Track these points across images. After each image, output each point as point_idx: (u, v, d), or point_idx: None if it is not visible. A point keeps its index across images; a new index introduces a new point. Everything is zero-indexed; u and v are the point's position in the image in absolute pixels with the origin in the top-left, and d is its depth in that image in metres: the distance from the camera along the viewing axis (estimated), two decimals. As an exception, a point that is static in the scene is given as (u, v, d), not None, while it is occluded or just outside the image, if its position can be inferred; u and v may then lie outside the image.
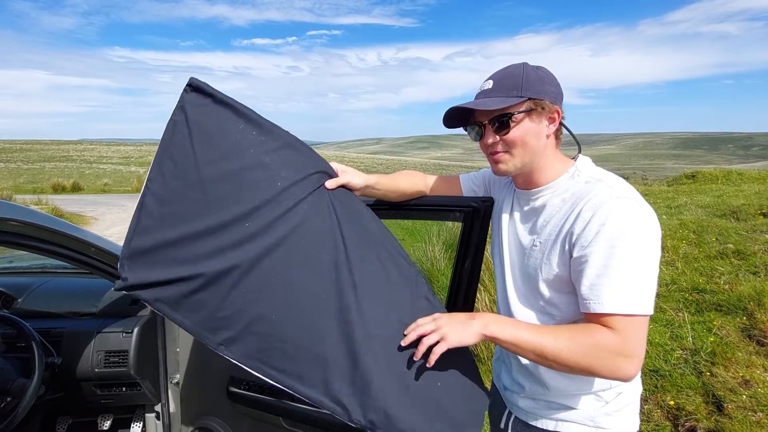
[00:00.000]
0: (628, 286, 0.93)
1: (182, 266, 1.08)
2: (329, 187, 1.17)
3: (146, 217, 1.10)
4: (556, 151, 1.11)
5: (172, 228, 1.09)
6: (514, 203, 1.20)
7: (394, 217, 1.47)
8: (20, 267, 2.45)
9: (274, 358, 1.08)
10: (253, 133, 1.15)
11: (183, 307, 1.09)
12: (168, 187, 1.11)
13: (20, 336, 1.71)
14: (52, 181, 19.07)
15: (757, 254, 3.87)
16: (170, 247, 1.09)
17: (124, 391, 1.94)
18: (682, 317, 3.19)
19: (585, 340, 0.93)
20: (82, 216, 10.87)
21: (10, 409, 1.55)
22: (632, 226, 0.94)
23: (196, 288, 1.07)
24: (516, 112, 1.03)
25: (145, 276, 1.08)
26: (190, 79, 1.15)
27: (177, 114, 1.14)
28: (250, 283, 1.08)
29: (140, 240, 1.09)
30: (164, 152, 1.13)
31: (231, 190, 1.11)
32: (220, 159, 1.12)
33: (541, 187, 1.10)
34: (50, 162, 35.40)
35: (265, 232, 1.10)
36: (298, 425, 1.58)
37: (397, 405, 1.03)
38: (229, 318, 1.08)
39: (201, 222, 1.09)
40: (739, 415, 2.34)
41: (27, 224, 1.28)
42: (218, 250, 1.08)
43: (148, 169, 1.14)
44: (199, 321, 1.09)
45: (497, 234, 1.25)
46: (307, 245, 1.11)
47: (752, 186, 7.15)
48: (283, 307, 1.08)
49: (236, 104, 1.15)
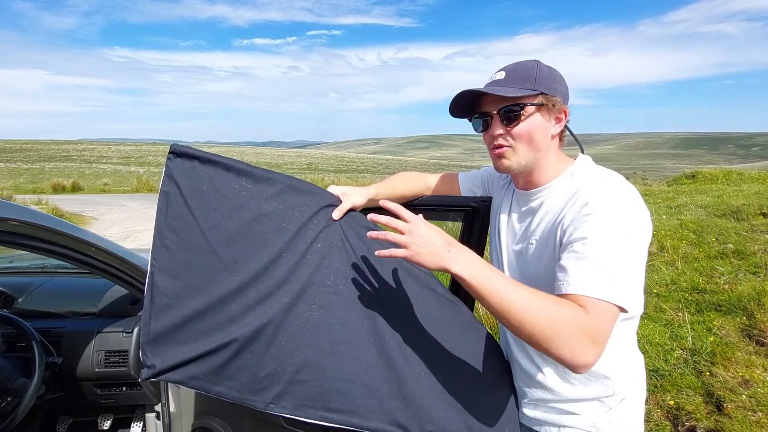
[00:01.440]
0: (603, 272, 0.88)
1: (212, 337, 1.05)
2: (336, 218, 1.17)
3: (160, 296, 1.08)
4: (558, 152, 1.10)
5: (191, 300, 1.07)
6: (513, 204, 1.19)
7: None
8: (20, 267, 2.45)
9: (328, 401, 1.06)
10: (248, 185, 1.15)
11: (222, 377, 1.06)
12: (175, 260, 1.10)
13: (20, 336, 1.71)
14: (52, 181, 19.06)
15: (757, 254, 3.87)
16: (194, 320, 1.06)
17: (124, 390, 1.94)
18: (682, 317, 3.19)
19: (558, 311, 0.86)
20: (82, 216, 10.87)
21: (11, 408, 1.56)
22: (618, 218, 0.93)
23: (231, 355, 1.05)
24: (528, 104, 1.00)
25: (172, 357, 1.04)
26: (171, 146, 1.14)
27: (166, 184, 1.13)
28: (285, 334, 1.07)
29: (160, 321, 1.06)
30: (163, 226, 1.12)
31: (243, 248, 1.10)
32: (223, 220, 1.11)
33: (540, 188, 1.09)
34: (50, 162, 35.39)
35: (287, 281, 1.10)
36: (298, 425, 1.58)
37: (443, 411, 1.07)
38: (272, 375, 1.06)
39: (220, 287, 1.08)
40: (739, 414, 2.34)
41: (27, 224, 1.28)
42: (245, 311, 1.07)
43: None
44: (242, 387, 1.06)
45: (495, 236, 1.24)
46: (331, 282, 1.12)
47: (752, 186, 7.15)
48: (323, 348, 1.08)
49: (223, 160, 1.15)
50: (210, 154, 1.15)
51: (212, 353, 1.05)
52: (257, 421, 1.68)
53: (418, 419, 1.06)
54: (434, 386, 1.09)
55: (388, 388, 1.07)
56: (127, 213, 11.68)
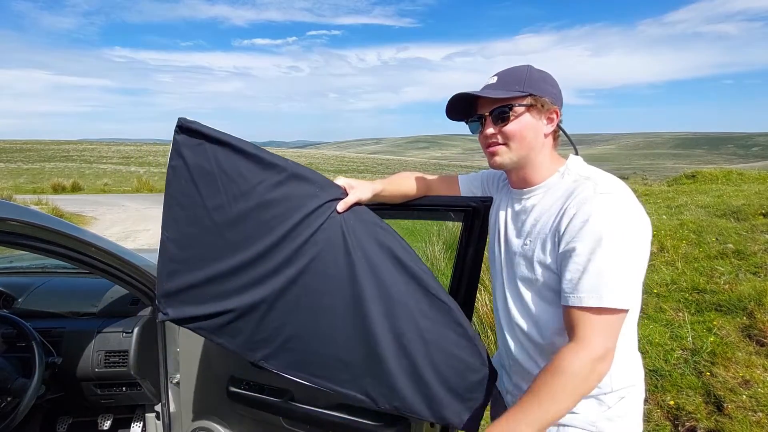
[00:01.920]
0: (607, 280, 0.93)
1: (213, 304, 1.19)
2: (341, 211, 1.18)
3: (170, 262, 1.19)
4: (552, 152, 1.13)
5: (198, 270, 1.18)
6: (507, 203, 1.21)
7: (394, 217, 1.47)
8: (20, 267, 2.45)
9: (308, 367, 1.22)
10: (255, 169, 1.15)
11: (223, 333, 1.21)
12: (184, 233, 1.18)
13: (20, 336, 1.71)
14: (52, 181, 19.07)
15: (757, 254, 3.87)
16: (199, 287, 1.19)
17: (124, 391, 1.94)
18: (682, 317, 3.19)
19: (563, 385, 0.92)
20: (82, 216, 10.87)
21: (11, 409, 1.55)
22: (614, 221, 0.95)
23: (229, 320, 1.19)
24: (516, 105, 1.07)
25: (182, 312, 1.20)
26: (178, 119, 1.14)
27: (174, 158, 1.16)
28: (277, 312, 1.19)
29: (170, 283, 1.20)
30: (172, 200, 1.18)
31: (247, 231, 1.16)
32: (229, 203, 1.16)
33: (533, 187, 1.13)
34: (50, 162, 35.40)
35: (285, 267, 1.16)
36: (298, 425, 1.58)
37: (411, 391, 1.18)
38: (264, 340, 1.21)
39: (223, 263, 1.17)
40: (739, 414, 2.34)
41: (27, 224, 1.28)
42: (244, 287, 1.18)
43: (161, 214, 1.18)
44: (240, 343, 1.22)
45: (493, 236, 1.26)
46: (325, 272, 1.17)
47: (752, 186, 7.14)
48: (309, 327, 1.20)
49: (232, 140, 1.14)
50: (218, 132, 1.14)
51: (214, 316, 1.19)
52: (257, 421, 1.68)
53: (387, 395, 1.19)
54: (408, 370, 1.17)
55: (364, 366, 1.18)
56: (127, 213, 11.68)
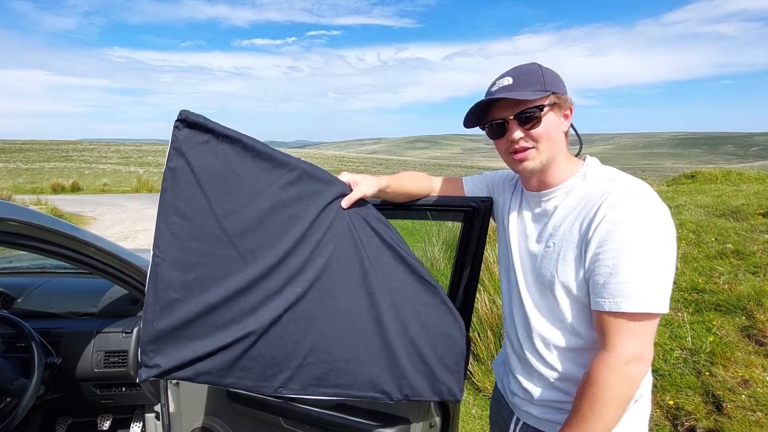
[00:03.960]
0: (641, 284, 0.93)
1: (227, 331, 1.00)
2: (345, 207, 1.17)
3: (167, 291, 0.97)
4: (566, 150, 1.11)
5: (204, 294, 0.99)
6: (522, 205, 1.18)
7: (395, 217, 1.47)
8: (20, 267, 2.45)
9: (329, 379, 1.13)
10: (268, 168, 1.07)
11: (234, 370, 1.02)
12: (186, 249, 0.98)
13: (20, 336, 1.71)
14: (52, 181, 19.05)
15: (757, 254, 3.87)
16: (207, 315, 0.99)
17: (123, 391, 1.94)
18: (682, 317, 3.19)
19: (601, 396, 0.94)
20: (82, 216, 10.86)
21: (10, 409, 1.55)
22: (646, 224, 0.94)
23: (247, 347, 1.02)
24: (546, 104, 1.04)
25: (181, 355, 0.97)
26: (181, 112, 0.98)
27: (174, 158, 0.97)
28: (298, 322, 1.08)
29: (166, 318, 0.97)
30: (170, 209, 0.98)
31: (260, 238, 1.04)
32: (242, 207, 1.02)
33: (553, 188, 1.09)
34: (50, 162, 35.36)
35: (303, 271, 1.08)
36: (298, 425, 1.58)
37: (417, 376, 1.20)
38: (283, 361, 1.07)
39: (236, 279, 1.00)
40: (739, 414, 2.35)
41: (26, 224, 1.28)
42: (261, 302, 1.03)
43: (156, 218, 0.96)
44: (255, 376, 1.05)
45: (504, 239, 1.23)
46: (340, 271, 1.13)
47: (751, 186, 7.14)
48: (329, 332, 1.12)
49: (241, 137, 1.03)
50: (226, 129, 1.01)
51: (227, 347, 1.00)
52: (257, 421, 1.68)
53: (399, 386, 1.18)
54: (413, 356, 1.20)
55: (378, 361, 1.16)
56: (127, 213, 11.67)
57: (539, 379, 1.13)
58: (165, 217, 0.97)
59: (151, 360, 0.97)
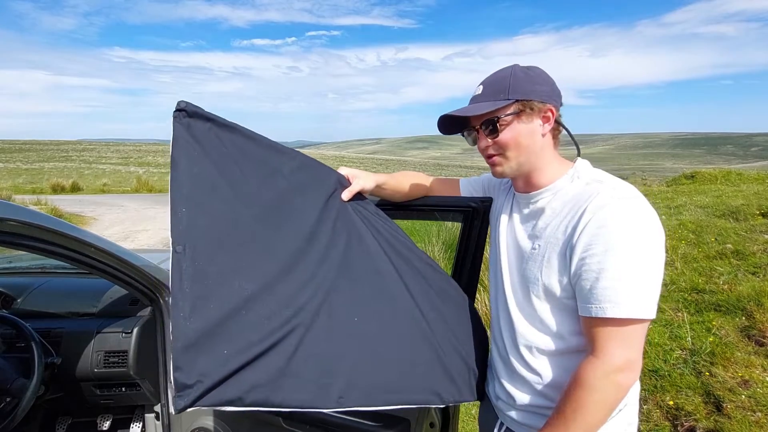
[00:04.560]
0: (628, 289, 0.91)
1: (271, 324, 0.87)
2: (345, 199, 1.17)
3: (194, 285, 0.84)
4: (554, 152, 1.10)
5: (236, 284, 0.88)
6: (513, 207, 1.19)
7: (394, 217, 1.47)
8: (20, 267, 2.45)
9: (390, 382, 1.01)
10: (272, 153, 1.06)
11: (287, 377, 0.87)
12: (213, 234, 0.89)
13: (20, 336, 1.71)
14: (52, 181, 19.05)
15: (756, 254, 3.87)
16: (245, 309, 0.87)
17: (123, 391, 1.94)
18: (681, 317, 3.19)
19: (586, 400, 0.93)
20: (82, 216, 10.86)
21: (10, 409, 1.55)
22: (633, 227, 0.93)
23: (297, 343, 0.89)
24: (503, 115, 1.04)
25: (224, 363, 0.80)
26: (179, 103, 0.94)
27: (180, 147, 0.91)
28: (341, 312, 0.98)
29: (201, 317, 0.81)
30: (182, 198, 0.88)
31: (282, 221, 0.99)
32: (257, 189, 0.97)
33: (541, 190, 1.09)
34: (49, 162, 35.36)
35: (329, 256, 1.03)
36: (298, 425, 1.58)
37: (460, 379, 1.15)
38: (337, 363, 0.94)
39: (267, 265, 0.92)
40: (738, 415, 2.35)
41: (26, 224, 1.28)
42: (299, 289, 0.93)
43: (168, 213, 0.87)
44: (310, 387, 0.89)
45: (495, 239, 1.24)
46: (365, 259, 1.11)
47: (751, 186, 7.15)
48: (373, 325, 1.02)
49: (240, 127, 1.02)
50: (224, 120, 0.99)
51: (275, 346, 0.86)
52: (257, 421, 1.68)
53: (448, 387, 1.12)
54: (455, 358, 1.15)
55: (428, 363, 1.09)
56: (127, 213, 11.67)
57: (522, 383, 1.12)
58: (178, 207, 0.89)
59: (190, 376, 0.77)
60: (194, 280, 0.84)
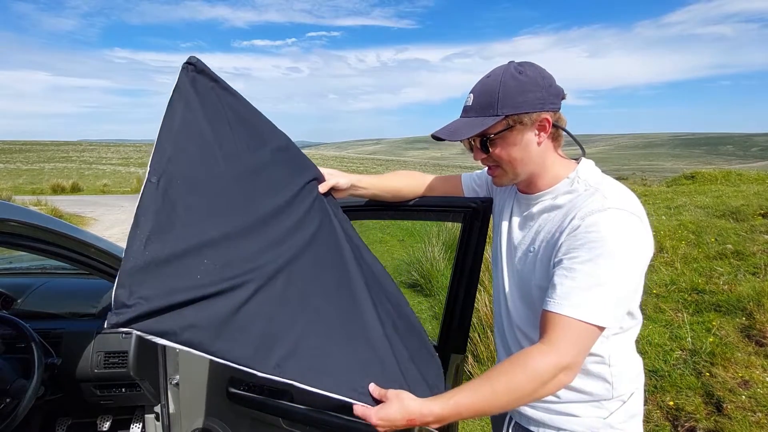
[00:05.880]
0: (588, 292, 0.91)
1: (225, 272, 0.85)
2: (321, 192, 1.22)
3: (159, 216, 0.82)
4: (555, 153, 1.09)
5: (202, 225, 0.87)
6: (514, 206, 1.19)
7: (394, 217, 1.47)
8: (20, 268, 2.45)
9: (329, 368, 0.94)
10: (265, 128, 1.14)
11: (229, 329, 0.83)
12: (184, 175, 0.89)
13: (20, 337, 1.71)
14: (52, 181, 19.06)
15: (756, 255, 3.87)
16: (204, 250, 0.84)
17: (123, 391, 1.94)
18: (681, 318, 3.19)
19: (522, 380, 0.90)
20: (82, 217, 10.87)
21: (10, 409, 1.55)
22: (615, 236, 0.93)
23: (246, 298, 0.87)
24: (493, 134, 1.02)
25: (168, 295, 0.77)
26: (190, 58, 0.98)
27: (181, 93, 0.95)
28: (298, 283, 0.97)
29: (156, 247, 0.80)
30: (169, 135, 0.90)
31: (260, 186, 1.02)
32: (243, 152, 1.02)
33: (541, 192, 1.09)
34: (50, 163, 35.37)
35: (299, 228, 1.05)
36: (298, 426, 1.58)
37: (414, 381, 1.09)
38: (282, 332, 0.91)
39: (237, 218, 0.92)
40: (739, 415, 2.35)
41: (26, 225, 1.28)
42: (263, 249, 0.94)
43: (150, 158, 0.87)
44: (249, 346, 0.85)
45: (497, 236, 1.25)
46: (331, 246, 1.13)
47: (751, 186, 7.15)
48: (325, 307, 1.00)
49: (242, 96, 1.11)
50: (228, 85, 1.06)
51: (223, 293, 0.83)
52: (257, 422, 1.68)
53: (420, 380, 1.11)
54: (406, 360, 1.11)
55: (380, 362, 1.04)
56: (127, 214, 11.68)
57: None
58: (164, 143, 0.88)
59: (131, 296, 0.74)
60: (160, 212, 0.82)
